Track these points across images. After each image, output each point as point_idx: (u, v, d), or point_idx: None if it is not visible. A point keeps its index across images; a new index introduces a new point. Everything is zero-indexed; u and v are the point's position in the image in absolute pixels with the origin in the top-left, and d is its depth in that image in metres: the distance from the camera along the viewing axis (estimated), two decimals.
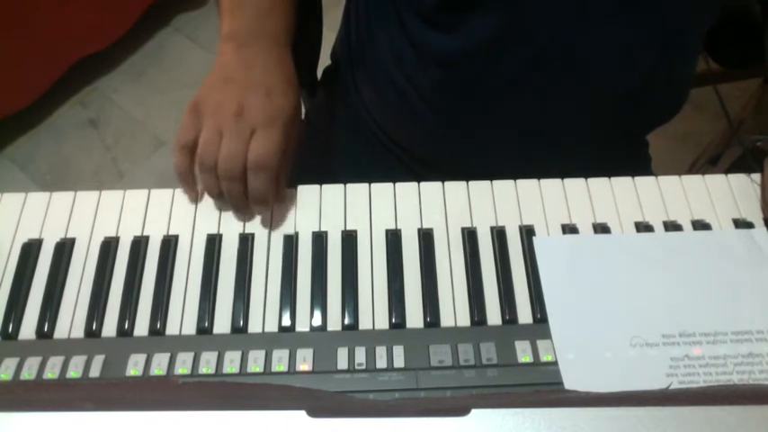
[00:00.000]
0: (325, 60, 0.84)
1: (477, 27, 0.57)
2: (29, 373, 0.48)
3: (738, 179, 0.60)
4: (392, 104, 0.69)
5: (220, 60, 0.58)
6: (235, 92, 0.54)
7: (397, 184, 0.59)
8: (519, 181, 0.59)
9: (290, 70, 0.59)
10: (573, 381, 0.48)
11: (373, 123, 0.75)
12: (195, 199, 0.58)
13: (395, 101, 0.68)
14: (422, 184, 0.59)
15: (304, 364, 0.49)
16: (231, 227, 0.56)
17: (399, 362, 0.49)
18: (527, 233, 0.56)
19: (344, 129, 0.79)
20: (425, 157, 0.74)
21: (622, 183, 0.59)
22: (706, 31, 0.65)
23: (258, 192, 0.53)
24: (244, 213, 0.57)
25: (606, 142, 0.72)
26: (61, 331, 0.51)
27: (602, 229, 0.56)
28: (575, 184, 0.59)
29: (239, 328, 0.51)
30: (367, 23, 0.68)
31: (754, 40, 0.83)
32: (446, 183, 0.59)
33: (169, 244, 0.55)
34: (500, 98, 0.63)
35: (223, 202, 0.56)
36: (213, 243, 0.55)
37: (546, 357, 0.49)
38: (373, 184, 0.59)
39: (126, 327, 0.51)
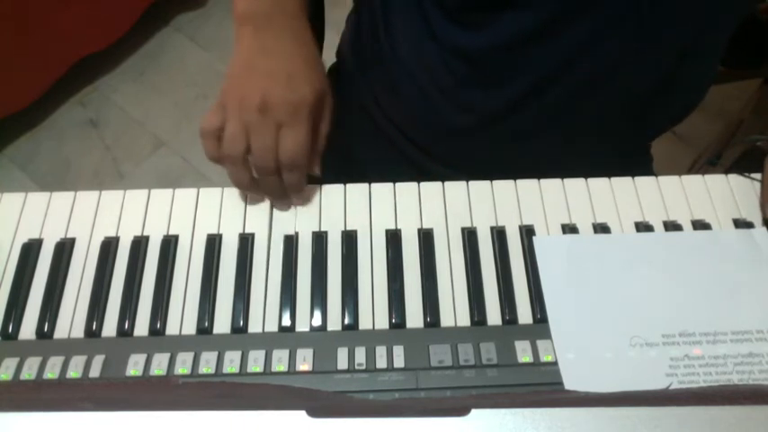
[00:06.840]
0: (326, 59, 0.84)
1: (507, 25, 0.56)
2: (29, 373, 0.48)
3: (738, 179, 0.60)
4: (410, 101, 0.69)
5: (239, 46, 0.57)
6: (257, 83, 0.54)
7: (397, 184, 0.59)
8: (519, 181, 0.59)
9: (310, 49, 0.59)
10: (573, 381, 0.48)
11: (384, 121, 0.74)
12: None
13: (413, 97, 0.67)
14: (422, 184, 0.59)
15: (304, 364, 0.49)
16: (231, 227, 0.57)
17: (399, 362, 0.49)
18: (527, 233, 0.56)
19: (348, 128, 0.79)
20: (440, 153, 0.73)
21: (622, 183, 0.59)
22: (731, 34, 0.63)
23: (293, 185, 0.56)
24: (282, 200, 0.58)
25: (619, 142, 0.71)
26: (61, 331, 0.51)
27: (602, 229, 0.56)
28: (575, 184, 0.59)
29: (239, 328, 0.51)
30: (384, 19, 0.67)
31: (756, 39, 0.83)
32: (446, 183, 0.59)
33: (169, 244, 0.55)
34: (524, 95, 0.62)
35: (252, 192, 0.57)
36: (213, 243, 0.55)
37: (546, 357, 0.49)
38: (373, 184, 0.59)
39: (126, 327, 0.51)
